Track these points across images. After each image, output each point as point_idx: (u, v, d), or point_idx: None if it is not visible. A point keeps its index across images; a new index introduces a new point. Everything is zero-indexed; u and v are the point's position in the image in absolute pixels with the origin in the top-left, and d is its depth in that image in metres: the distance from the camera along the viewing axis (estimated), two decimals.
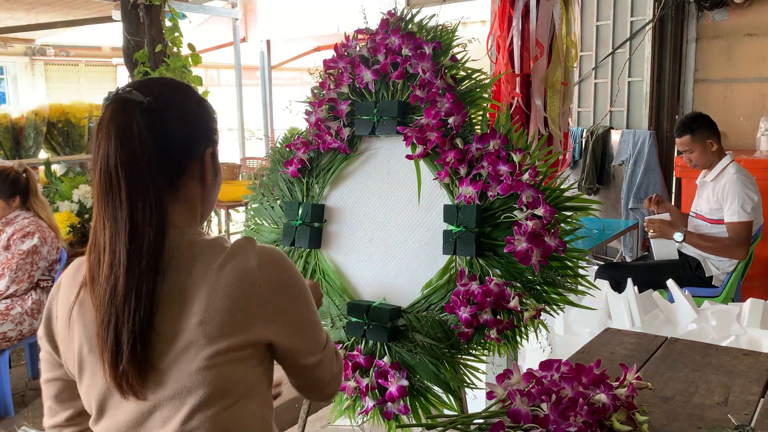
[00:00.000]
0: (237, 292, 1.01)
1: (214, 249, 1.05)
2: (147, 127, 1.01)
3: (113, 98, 1.02)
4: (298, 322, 1.10)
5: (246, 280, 1.02)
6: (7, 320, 3.12)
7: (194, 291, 1.01)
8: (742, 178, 3.19)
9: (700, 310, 2.62)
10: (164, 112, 1.04)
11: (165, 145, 1.04)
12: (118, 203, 0.99)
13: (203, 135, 1.11)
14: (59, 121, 5.50)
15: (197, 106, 1.12)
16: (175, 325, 1.01)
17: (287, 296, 1.07)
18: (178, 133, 1.06)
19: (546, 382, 1.25)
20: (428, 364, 1.74)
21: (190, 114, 1.10)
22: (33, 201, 3.32)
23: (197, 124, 1.11)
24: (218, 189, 1.17)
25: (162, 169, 1.03)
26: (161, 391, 1.02)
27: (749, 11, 4.68)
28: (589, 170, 5.04)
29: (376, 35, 1.91)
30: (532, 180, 1.61)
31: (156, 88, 1.08)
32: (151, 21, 4.45)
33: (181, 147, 1.07)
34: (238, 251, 1.04)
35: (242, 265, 1.03)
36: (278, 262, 1.07)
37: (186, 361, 1.00)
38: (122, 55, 4.67)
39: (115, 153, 0.98)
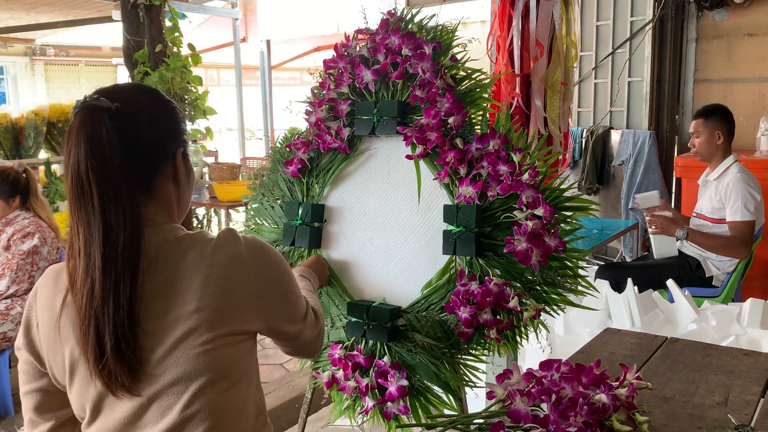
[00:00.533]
0: (230, 278, 1.07)
1: (202, 241, 1.10)
2: (116, 131, 1.03)
3: (81, 106, 1.05)
4: (284, 304, 1.19)
5: (237, 267, 1.09)
6: (7, 320, 3.12)
7: (188, 280, 1.05)
8: (745, 177, 3.19)
9: (700, 310, 2.62)
10: (132, 116, 1.07)
11: (135, 148, 1.06)
12: (90, 208, 1.01)
13: (172, 136, 1.14)
14: (59, 121, 5.50)
15: (164, 108, 1.15)
16: (170, 316, 1.04)
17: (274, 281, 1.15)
18: (147, 135, 1.09)
19: (546, 382, 1.25)
20: (428, 364, 1.74)
21: (158, 116, 1.13)
22: (33, 201, 3.32)
23: (166, 126, 1.14)
24: (192, 187, 1.22)
25: (134, 172, 1.05)
26: (158, 383, 1.04)
27: (749, 11, 4.69)
28: (589, 170, 5.04)
29: (376, 35, 1.91)
30: (532, 180, 1.61)
31: (123, 93, 1.10)
32: (151, 21, 4.45)
33: (151, 149, 1.10)
34: (225, 241, 1.10)
35: (232, 253, 1.09)
36: (263, 250, 1.14)
37: (186, 347, 1.03)
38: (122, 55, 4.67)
39: (85, 159, 1.00)
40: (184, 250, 1.08)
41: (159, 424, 1.04)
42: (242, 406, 1.12)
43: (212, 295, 1.05)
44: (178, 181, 1.15)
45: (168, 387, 1.04)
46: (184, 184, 1.17)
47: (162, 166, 1.12)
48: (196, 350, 1.04)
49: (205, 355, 1.04)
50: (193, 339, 1.03)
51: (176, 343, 1.03)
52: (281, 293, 1.18)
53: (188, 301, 1.04)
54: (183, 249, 1.08)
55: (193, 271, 1.06)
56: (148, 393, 1.05)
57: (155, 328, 1.04)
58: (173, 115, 1.16)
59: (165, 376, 1.04)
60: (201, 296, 1.04)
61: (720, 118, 3.28)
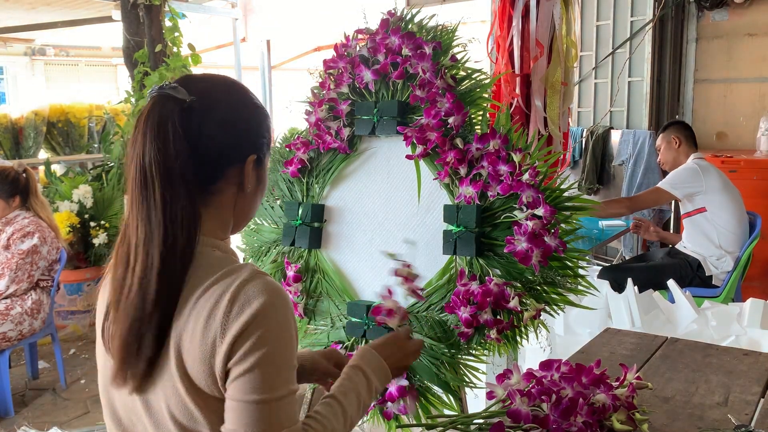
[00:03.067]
0: (202, 324, 0.94)
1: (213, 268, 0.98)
2: (183, 126, 0.98)
3: (157, 92, 1.00)
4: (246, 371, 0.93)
5: (212, 315, 0.94)
6: (7, 320, 3.12)
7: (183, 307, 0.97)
8: (693, 162, 3.39)
9: (700, 310, 2.62)
10: (205, 112, 1.01)
11: (201, 146, 1.00)
12: (152, 203, 0.96)
13: (246, 140, 1.06)
14: (59, 121, 5.50)
15: (245, 109, 1.07)
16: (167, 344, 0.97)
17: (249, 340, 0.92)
18: (217, 135, 1.02)
19: (546, 382, 1.25)
20: (428, 364, 1.74)
21: (235, 117, 1.05)
22: (33, 201, 3.32)
23: (241, 128, 1.05)
24: (260, 199, 1.12)
25: (196, 172, 0.99)
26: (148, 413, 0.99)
27: (749, 11, 4.69)
28: (589, 170, 5.04)
29: (376, 35, 1.91)
30: (532, 180, 1.61)
31: (204, 86, 1.05)
32: (151, 21, 4.45)
33: (219, 150, 1.03)
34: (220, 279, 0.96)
35: (216, 297, 0.94)
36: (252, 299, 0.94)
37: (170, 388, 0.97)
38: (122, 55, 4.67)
39: (151, 150, 0.96)
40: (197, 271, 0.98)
41: None
42: None
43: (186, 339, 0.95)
44: (243, 188, 1.06)
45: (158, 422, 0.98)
46: (251, 194, 1.08)
47: (228, 171, 1.04)
48: (177, 398, 0.96)
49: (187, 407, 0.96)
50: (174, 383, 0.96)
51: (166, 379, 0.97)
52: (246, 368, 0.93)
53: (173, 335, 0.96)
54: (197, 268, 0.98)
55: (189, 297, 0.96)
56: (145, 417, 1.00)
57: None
58: (254, 118, 1.07)
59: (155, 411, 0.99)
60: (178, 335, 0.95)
61: (674, 127, 3.58)
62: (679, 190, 3.35)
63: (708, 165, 3.38)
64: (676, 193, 3.35)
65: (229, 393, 0.94)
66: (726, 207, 3.29)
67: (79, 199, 4.35)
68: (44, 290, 3.32)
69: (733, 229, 3.29)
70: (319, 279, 1.98)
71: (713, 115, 4.91)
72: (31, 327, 3.23)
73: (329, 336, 1.92)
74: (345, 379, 1.13)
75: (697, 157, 3.42)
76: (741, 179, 3.76)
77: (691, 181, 3.31)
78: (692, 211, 3.37)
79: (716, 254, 3.31)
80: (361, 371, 1.15)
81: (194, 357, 0.94)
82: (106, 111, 5.79)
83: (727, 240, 3.29)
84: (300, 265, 1.99)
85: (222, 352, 0.92)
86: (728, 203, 3.30)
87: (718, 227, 3.29)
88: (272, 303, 0.94)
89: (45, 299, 3.32)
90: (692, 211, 3.37)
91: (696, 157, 3.41)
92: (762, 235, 3.38)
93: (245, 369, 0.92)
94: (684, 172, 3.37)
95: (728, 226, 3.29)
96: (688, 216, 3.41)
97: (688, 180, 3.32)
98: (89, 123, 5.74)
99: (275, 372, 0.93)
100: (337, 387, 1.11)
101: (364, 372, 1.15)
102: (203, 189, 1.02)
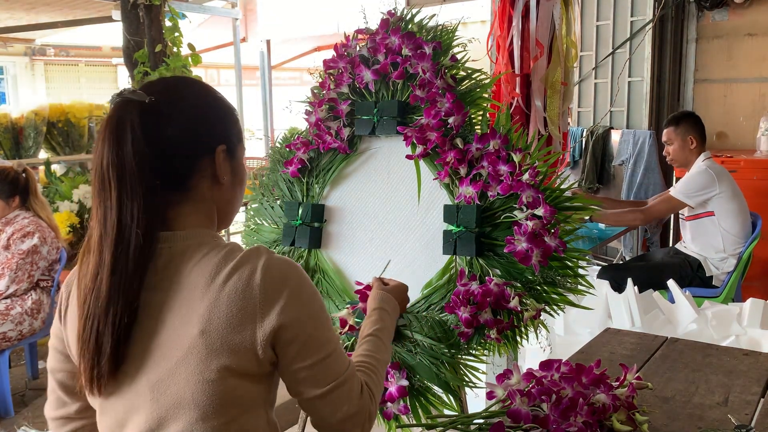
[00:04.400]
0: (238, 306, 0.97)
1: (225, 256, 1.01)
2: (143, 127, 0.99)
3: (116, 99, 1.02)
4: (301, 353, 1.01)
5: (248, 298, 0.97)
6: (7, 320, 3.12)
7: (198, 298, 0.98)
8: (705, 166, 3.28)
9: (700, 310, 2.62)
10: (165, 110, 1.02)
11: (165, 144, 1.02)
12: (109, 204, 0.98)
13: (212, 132, 1.07)
14: (59, 121, 5.50)
15: (206, 103, 1.08)
16: (179, 332, 0.98)
17: (293, 322, 1.00)
18: (180, 130, 1.03)
19: (546, 382, 1.25)
20: (428, 364, 1.74)
21: (196, 110, 1.06)
22: (33, 201, 3.32)
23: (204, 121, 1.07)
24: (241, 189, 1.13)
25: (161, 170, 1.01)
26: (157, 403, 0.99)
27: (749, 11, 4.69)
28: (589, 170, 5.04)
29: (376, 35, 1.91)
30: (532, 180, 1.61)
31: (163, 86, 1.07)
32: (151, 21, 4.45)
33: (185, 145, 1.04)
34: (244, 262, 1.00)
35: (247, 281, 0.98)
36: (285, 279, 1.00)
37: (187, 371, 0.97)
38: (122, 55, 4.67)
39: (108, 154, 0.98)
40: (203, 262, 1.00)
41: None
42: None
43: (217, 321, 0.97)
44: (218, 181, 1.07)
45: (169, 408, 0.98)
46: (228, 185, 1.09)
47: (198, 164, 1.05)
48: (198, 377, 0.97)
49: (208, 383, 0.97)
50: (195, 364, 0.97)
51: (179, 364, 0.97)
52: (300, 335, 1.01)
53: (194, 323, 0.97)
54: (202, 261, 1.00)
55: (203, 289, 0.98)
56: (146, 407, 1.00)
57: (160, 343, 0.99)
58: (215, 110, 1.09)
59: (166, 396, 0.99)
60: (207, 320, 0.97)
61: (690, 124, 3.39)
62: (693, 199, 3.26)
63: (721, 169, 3.30)
64: (690, 201, 3.27)
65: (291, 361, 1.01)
66: (733, 212, 3.26)
67: (79, 199, 4.35)
68: (44, 290, 3.32)
69: (738, 232, 3.28)
70: (320, 279, 1.98)
71: (713, 115, 4.91)
72: (31, 327, 3.23)
73: None
74: (377, 320, 1.35)
75: (707, 157, 3.33)
76: (741, 179, 3.75)
77: (705, 188, 3.23)
78: (700, 213, 3.30)
79: (719, 256, 3.31)
80: (386, 312, 1.40)
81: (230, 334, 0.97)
82: (106, 111, 5.78)
83: (731, 243, 3.28)
84: (300, 265, 1.99)
85: (268, 324, 0.98)
86: (736, 208, 3.27)
87: (723, 231, 3.28)
88: (299, 270, 1.04)
89: (45, 299, 3.32)
90: (700, 214, 3.31)
91: (706, 158, 3.33)
92: (762, 235, 3.37)
93: (299, 333, 1.00)
94: (698, 179, 3.26)
95: (733, 230, 3.27)
96: (695, 219, 3.34)
97: (702, 187, 3.24)
98: (89, 123, 5.74)
99: (327, 326, 1.05)
100: (371, 326, 1.32)
101: (388, 312, 1.40)
102: (177, 186, 1.04)
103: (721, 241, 3.29)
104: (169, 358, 0.98)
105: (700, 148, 3.36)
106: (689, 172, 3.35)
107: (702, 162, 3.32)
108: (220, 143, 1.07)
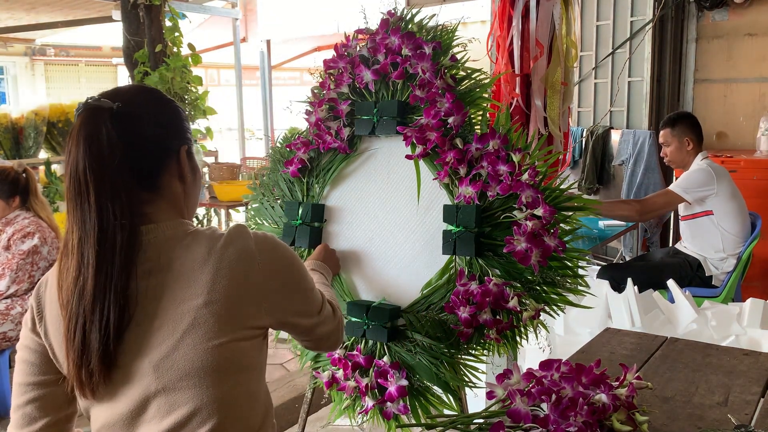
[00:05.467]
0: (240, 273, 1.07)
1: (212, 236, 1.10)
2: (117, 131, 1.04)
3: (83, 107, 1.06)
4: (296, 299, 1.19)
5: (247, 262, 1.08)
6: (7, 320, 3.12)
7: (197, 273, 1.05)
8: (706, 164, 3.29)
9: (700, 310, 2.62)
10: (134, 115, 1.08)
11: (137, 146, 1.07)
12: (87, 206, 1.02)
13: (175, 134, 1.15)
14: (59, 121, 5.50)
15: (166, 107, 1.16)
16: (179, 310, 1.03)
17: (285, 276, 1.15)
18: (149, 134, 1.10)
19: (546, 382, 1.25)
20: (428, 364, 1.74)
21: (160, 115, 1.13)
22: (33, 201, 3.32)
23: (168, 125, 1.14)
24: (199, 184, 1.22)
25: (137, 170, 1.07)
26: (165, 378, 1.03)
27: (749, 11, 4.68)
28: (589, 170, 5.04)
29: (376, 35, 1.91)
30: (531, 180, 1.61)
31: (124, 93, 1.11)
32: (151, 21, 4.45)
33: (154, 147, 1.11)
34: (236, 236, 1.10)
35: (242, 248, 1.09)
36: (272, 244, 1.14)
37: (195, 342, 1.03)
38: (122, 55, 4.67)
39: (84, 158, 1.01)
40: (193, 244, 1.08)
41: (164, 420, 1.04)
42: (252, 402, 1.12)
43: (222, 289, 1.05)
44: (183, 178, 1.16)
45: (176, 381, 1.03)
46: (191, 182, 1.18)
47: (167, 164, 1.13)
48: (205, 345, 1.03)
49: (215, 349, 1.04)
50: (202, 333, 1.03)
51: (184, 337, 1.03)
52: (293, 288, 1.18)
53: (197, 295, 1.04)
54: (191, 243, 1.08)
55: (201, 264, 1.06)
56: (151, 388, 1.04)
57: (161, 323, 1.04)
58: (175, 113, 1.17)
59: (172, 371, 1.03)
60: (210, 290, 1.04)
61: (687, 125, 3.39)
62: (691, 195, 3.26)
63: (720, 168, 3.30)
64: (688, 197, 3.26)
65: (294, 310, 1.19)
66: (732, 212, 3.26)
67: None
68: None
69: (737, 232, 3.28)
70: None
71: (713, 115, 4.91)
72: None
73: None
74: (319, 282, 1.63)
75: (705, 156, 3.34)
76: (741, 179, 3.75)
77: (704, 185, 3.23)
78: (699, 212, 3.30)
79: (718, 256, 3.31)
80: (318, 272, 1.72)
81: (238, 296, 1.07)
82: None
83: (731, 243, 3.28)
84: None
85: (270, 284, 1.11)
86: (735, 208, 3.27)
87: (722, 230, 3.27)
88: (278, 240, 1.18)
89: None
90: (699, 213, 3.30)
91: (704, 157, 3.33)
92: (762, 235, 3.37)
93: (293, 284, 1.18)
94: (697, 176, 3.26)
95: (732, 230, 3.27)
96: (693, 218, 3.34)
97: (701, 184, 3.24)
98: None
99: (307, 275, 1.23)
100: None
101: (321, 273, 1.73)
102: (149, 185, 1.10)
103: (720, 241, 3.29)
104: (173, 333, 1.03)
105: (697, 149, 3.37)
106: (689, 169, 3.35)
107: (701, 161, 3.33)
108: (182, 144, 1.15)
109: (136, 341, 1.04)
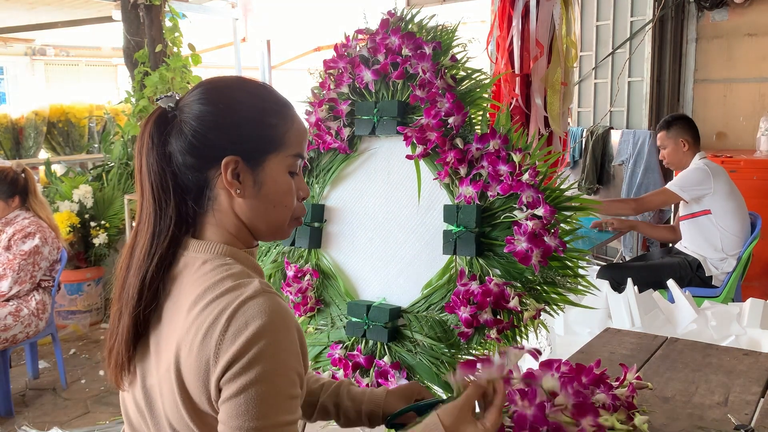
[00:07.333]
0: (199, 342, 0.91)
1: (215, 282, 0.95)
2: (167, 135, 1.02)
3: (158, 104, 1.06)
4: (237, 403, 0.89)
5: (209, 334, 0.90)
6: (18, 322, 3.12)
7: (181, 319, 0.95)
8: (703, 163, 3.31)
9: (700, 310, 2.62)
10: (183, 119, 1.01)
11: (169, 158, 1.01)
12: (146, 207, 1.03)
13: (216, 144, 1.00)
14: (59, 121, 5.50)
15: (225, 110, 1.01)
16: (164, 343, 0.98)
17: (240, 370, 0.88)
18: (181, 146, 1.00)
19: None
20: (428, 364, 1.74)
21: (215, 120, 1.00)
22: (32, 201, 3.32)
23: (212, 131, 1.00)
24: (269, 203, 1.03)
25: (185, 179, 1.01)
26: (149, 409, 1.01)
27: (749, 11, 4.69)
28: (589, 170, 5.04)
29: (376, 35, 1.91)
30: (532, 180, 1.61)
31: (192, 94, 1.04)
32: (151, 21, 4.45)
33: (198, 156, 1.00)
34: (225, 294, 0.93)
35: (215, 314, 0.91)
36: (245, 323, 0.89)
37: (167, 386, 0.96)
38: (122, 55, 4.67)
39: (143, 159, 1.02)
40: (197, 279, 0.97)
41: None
42: None
43: (185, 351, 0.93)
44: (230, 194, 1.01)
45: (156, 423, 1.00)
46: (251, 200, 1.02)
47: (206, 177, 1.01)
48: (172, 398, 0.95)
49: (179, 408, 0.94)
50: (170, 385, 0.95)
51: (162, 378, 0.97)
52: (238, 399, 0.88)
53: (173, 342, 0.95)
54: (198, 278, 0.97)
55: (186, 311, 0.95)
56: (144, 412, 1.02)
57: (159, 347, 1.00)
58: (235, 117, 1.01)
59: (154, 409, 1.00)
60: (178, 346, 0.94)
61: (681, 126, 3.41)
62: (688, 193, 3.27)
63: (717, 167, 3.31)
64: (685, 195, 3.28)
65: (220, 416, 0.90)
66: (731, 210, 3.27)
67: (80, 199, 4.35)
68: (46, 291, 3.33)
69: (737, 232, 3.28)
70: (320, 279, 1.98)
71: (713, 115, 4.91)
72: (36, 328, 3.24)
73: (329, 336, 1.92)
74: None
75: (702, 156, 3.36)
76: (741, 179, 3.75)
77: (701, 184, 3.25)
78: (697, 212, 3.31)
79: (718, 256, 3.31)
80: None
81: (191, 371, 0.91)
82: (107, 111, 5.79)
83: (730, 243, 3.28)
84: (299, 265, 1.99)
85: (216, 372, 0.89)
86: (734, 207, 3.27)
87: (721, 230, 3.28)
88: (272, 324, 0.89)
89: (47, 299, 3.32)
90: (697, 213, 3.32)
91: (702, 157, 3.35)
92: (762, 235, 3.37)
93: (234, 392, 0.88)
94: (694, 175, 3.28)
95: (731, 229, 3.27)
96: (692, 217, 3.35)
97: (698, 182, 3.25)
98: (89, 123, 5.75)
99: (269, 398, 0.88)
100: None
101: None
102: (196, 197, 1.02)
103: (719, 241, 3.29)
104: (158, 367, 0.99)
105: (693, 150, 3.38)
106: (687, 168, 3.37)
107: (699, 160, 3.35)
108: (228, 154, 1.00)
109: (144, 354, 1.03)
